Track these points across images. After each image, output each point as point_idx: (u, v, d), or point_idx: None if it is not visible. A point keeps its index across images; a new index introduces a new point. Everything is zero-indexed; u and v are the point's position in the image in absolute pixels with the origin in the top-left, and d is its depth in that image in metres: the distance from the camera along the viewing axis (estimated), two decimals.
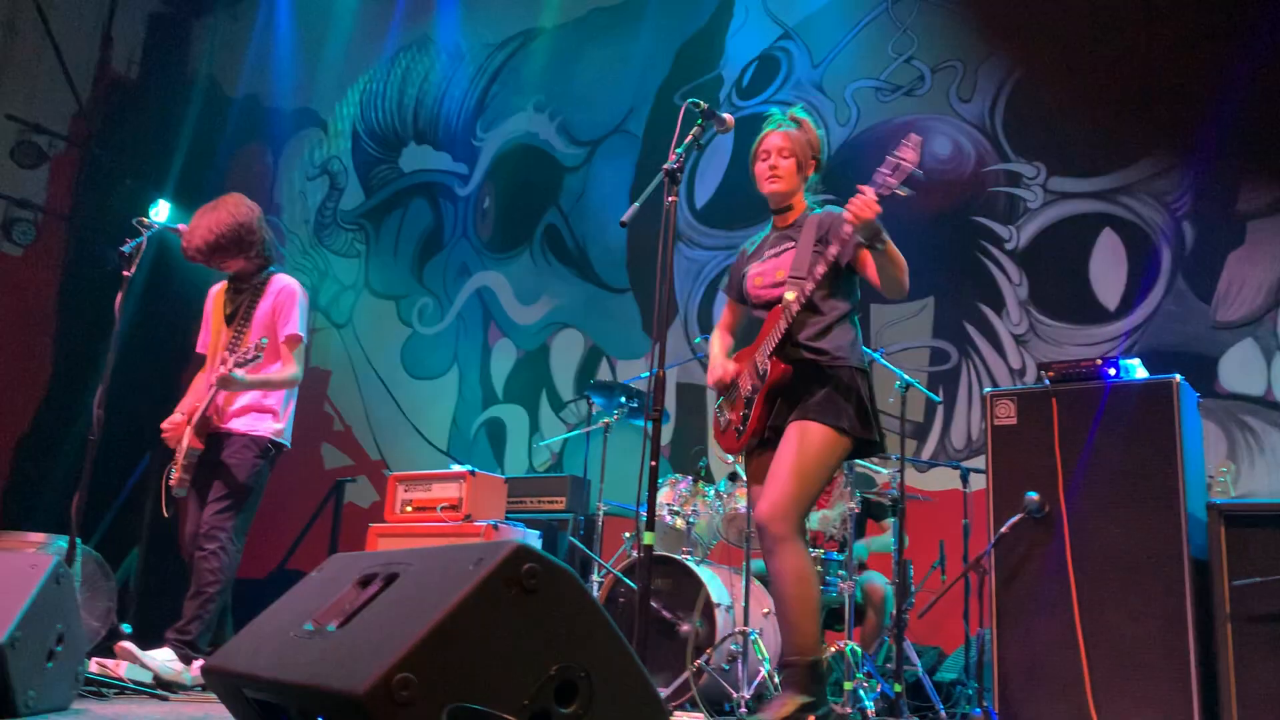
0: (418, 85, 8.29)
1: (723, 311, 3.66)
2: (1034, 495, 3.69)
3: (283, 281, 4.29)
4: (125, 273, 4.17)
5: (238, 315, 4.25)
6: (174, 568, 4.17)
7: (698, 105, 3.01)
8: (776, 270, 3.31)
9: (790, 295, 3.17)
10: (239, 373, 3.97)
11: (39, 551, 4.88)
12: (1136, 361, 3.79)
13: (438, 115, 8.12)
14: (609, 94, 7.23)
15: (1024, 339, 5.47)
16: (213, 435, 4.15)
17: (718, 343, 3.57)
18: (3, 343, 8.26)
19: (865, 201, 2.98)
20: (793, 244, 3.30)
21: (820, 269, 3.12)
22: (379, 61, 8.52)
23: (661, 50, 7.07)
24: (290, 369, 4.20)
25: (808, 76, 6.43)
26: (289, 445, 4.29)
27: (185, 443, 4.11)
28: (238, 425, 4.15)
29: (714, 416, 3.49)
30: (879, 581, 4.73)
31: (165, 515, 4.16)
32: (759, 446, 3.31)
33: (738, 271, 3.51)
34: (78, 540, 3.93)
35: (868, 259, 3.21)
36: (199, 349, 4.44)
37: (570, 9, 7.55)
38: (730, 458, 3.31)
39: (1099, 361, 3.76)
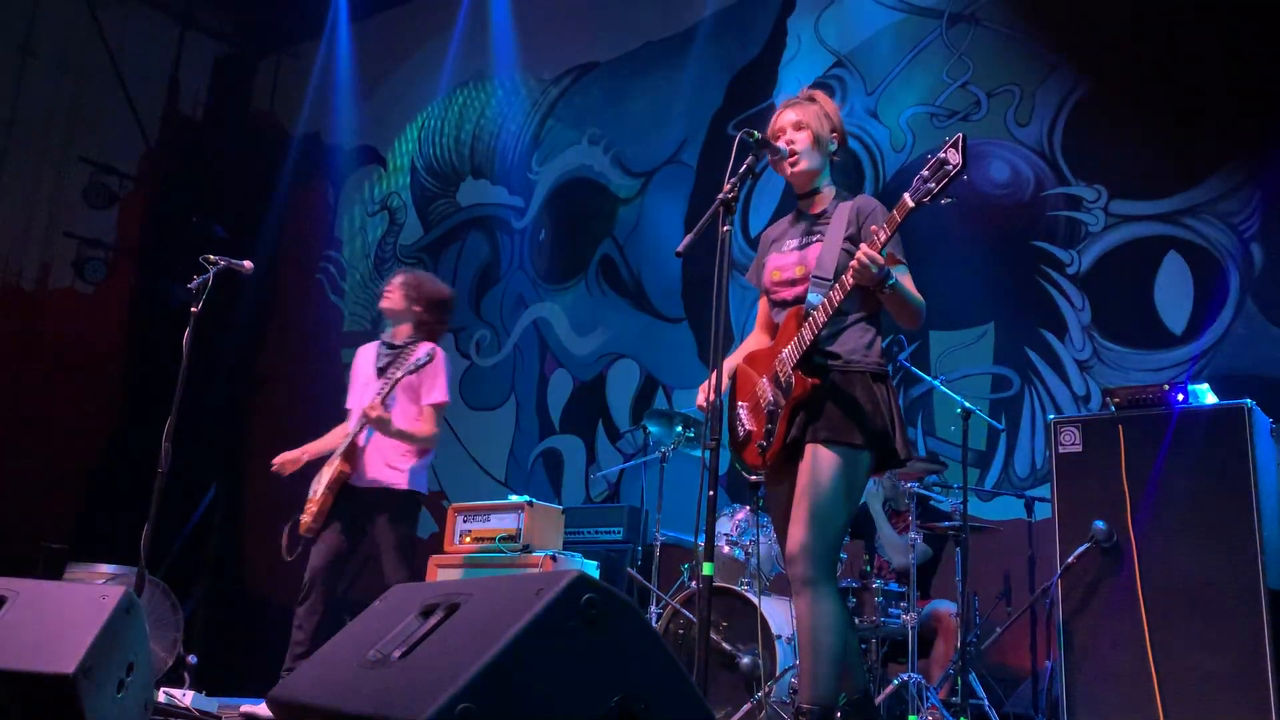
0: (474, 121, 8.41)
1: (758, 310, 3.33)
2: (1102, 524, 3.61)
3: (429, 346, 4.47)
4: (193, 309, 4.26)
5: (388, 370, 4.44)
6: (239, 599, 4.24)
7: (751, 135, 2.95)
8: (796, 266, 3.07)
9: (816, 300, 2.93)
10: (389, 416, 4.24)
11: (108, 583, 4.98)
12: (1205, 387, 3.70)
13: (494, 150, 8.22)
14: (662, 125, 7.26)
15: (1088, 364, 5.37)
16: (355, 492, 4.34)
17: (740, 352, 3.26)
18: (75, 377, 8.48)
19: (866, 259, 2.76)
20: (819, 237, 3.05)
21: (849, 280, 2.84)
22: (437, 98, 8.65)
23: (714, 81, 7.09)
24: (429, 430, 4.41)
25: (862, 104, 6.41)
26: (423, 490, 4.49)
27: (323, 483, 4.33)
28: (373, 481, 4.36)
29: (729, 423, 3.19)
30: (947, 608, 4.60)
31: (289, 559, 4.29)
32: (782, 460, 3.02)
33: (759, 261, 3.25)
34: (146, 571, 4.01)
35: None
36: (347, 405, 4.64)
37: (623, 43, 7.62)
38: (752, 475, 3.12)
39: (1166, 387, 3.68)
